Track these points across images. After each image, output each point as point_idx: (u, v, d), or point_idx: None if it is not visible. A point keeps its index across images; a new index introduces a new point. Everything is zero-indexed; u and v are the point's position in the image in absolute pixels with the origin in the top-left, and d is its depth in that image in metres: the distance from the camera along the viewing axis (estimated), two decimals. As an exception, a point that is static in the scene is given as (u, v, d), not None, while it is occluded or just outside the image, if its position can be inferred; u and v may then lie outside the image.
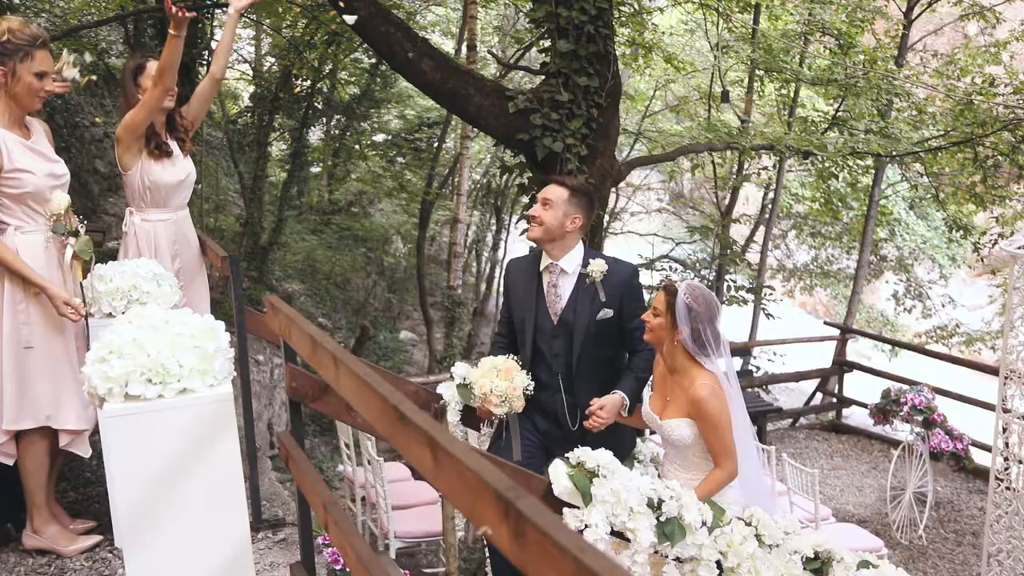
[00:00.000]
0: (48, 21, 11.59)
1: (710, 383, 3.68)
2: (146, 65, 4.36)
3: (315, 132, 17.63)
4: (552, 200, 4.00)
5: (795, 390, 17.03)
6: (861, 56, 12.64)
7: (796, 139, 11.05)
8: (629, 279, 4.09)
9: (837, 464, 10.42)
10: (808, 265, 19.99)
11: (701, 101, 16.45)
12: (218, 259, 4.52)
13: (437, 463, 1.70)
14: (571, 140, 6.88)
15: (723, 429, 3.65)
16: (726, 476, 3.67)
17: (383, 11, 7.03)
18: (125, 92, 4.41)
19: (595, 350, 4.05)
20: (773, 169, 15.42)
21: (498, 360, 4.01)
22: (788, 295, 20.53)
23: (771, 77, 13.45)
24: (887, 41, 14.83)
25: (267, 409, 9.07)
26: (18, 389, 3.59)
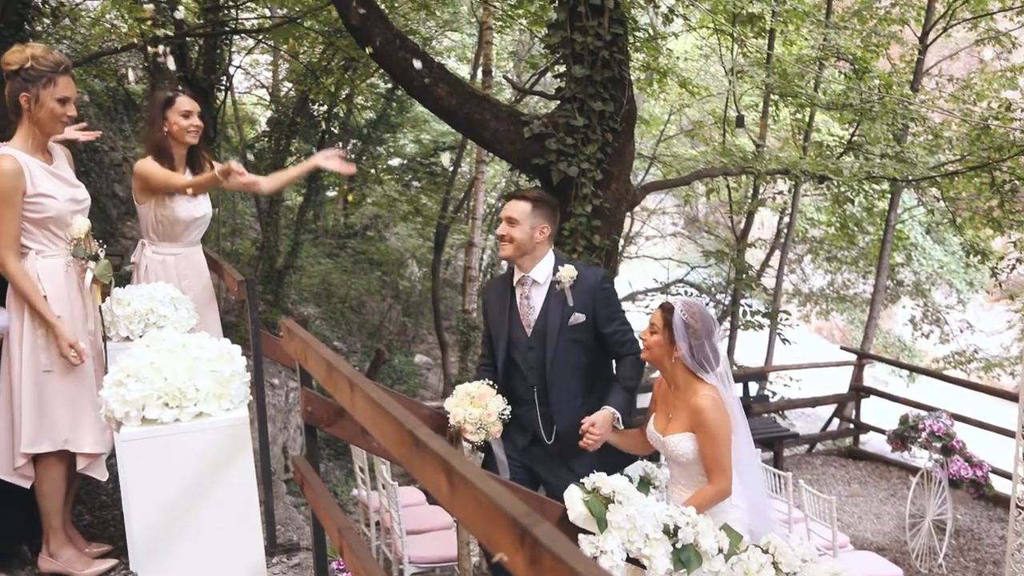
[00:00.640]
0: (70, 48, 11.74)
1: (712, 394, 3.66)
2: (176, 100, 4.37)
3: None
4: (516, 217, 4.01)
5: (811, 416, 16.91)
6: (876, 81, 12.64)
7: (811, 164, 11.04)
8: (599, 283, 4.07)
9: (855, 491, 10.32)
10: (824, 290, 19.90)
11: (716, 126, 16.48)
12: (234, 283, 4.54)
13: (453, 488, 1.69)
14: (586, 165, 6.90)
15: (720, 443, 3.60)
16: (716, 493, 3.61)
17: (400, 37, 7.10)
18: (151, 123, 4.42)
19: (569, 357, 4.03)
20: (788, 193, 15.39)
21: (471, 387, 3.99)
22: (804, 320, 20.42)
23: (786, 102, 13.46)
24: (902, 66, 14.85)
25: (282, 432, 9.07)
26: (36, 412, 3.61)
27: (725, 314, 15.65)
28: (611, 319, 4.05)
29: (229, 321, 5.05)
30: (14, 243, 3.54)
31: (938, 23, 14.17)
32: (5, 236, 3.51)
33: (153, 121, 4.39)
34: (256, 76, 17.58)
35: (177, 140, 4.38)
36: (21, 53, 3.56)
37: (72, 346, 3.57)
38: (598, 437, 3.87)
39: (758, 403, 11.65)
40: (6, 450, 3.65)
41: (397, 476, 5.65)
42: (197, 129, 4.40)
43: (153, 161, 4.34)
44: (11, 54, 3.57)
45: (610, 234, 7.22)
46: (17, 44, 3.69)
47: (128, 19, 12.29)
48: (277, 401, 9.21)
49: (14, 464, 3.64)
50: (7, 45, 4.97)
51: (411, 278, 18.79)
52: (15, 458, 3.63)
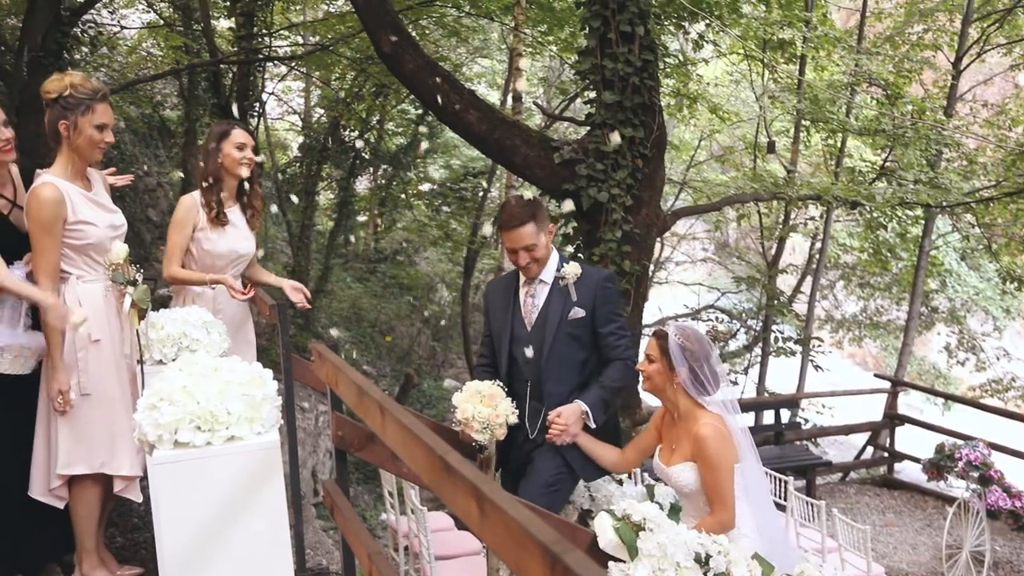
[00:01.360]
0: (107, 75, 11.96)
1: (714, 423, 3.59)
2: (232, 132, 4.41)
3: (362, 181, 17.89)
4: (531, 242, 3.98)
5: (845, 443, 16.70)
6: (909, 106, 12.56)
7: (844, 189, 10.98)
8: (602, 281, 4.05)
9: (889, 520, 10.16)
10: (857, 316, 19.69)
11: (747, 151, 16.45)
12: (266, 307, 4.57)
13: (483, 515, 1.69)
14: (616, 190, 6.91)
15: (720, 473, 3.53)
16: (716, 525, 3.51)
17: (431, 64, 7.17)
18: (207, 152, 4.46)
19: (565, 351, 4.00)
20: (820, 219, 15.30)
21: (483, 385, 3.91)
22: (836, 347, 20.24)
23: (817, 127, 13.41)
24: (936, 91, 14.75)
25: (311, 456, 9.09)
26: (73, 435, 3.64)
27: (756, 340, 15.54)
28: (609, 319, 4.02)
29: (260, 345, 5.07)
30: (53, 272, 3.59)
31: (972, 48, 14.08)
32: (46, 264, 3.55)
33: (208, 151, 4.43)
34: (288, 102, 17.81)
35: (229, 172, 4.42)
36: (60, 82, 3.62)
37: (62, 393, 3.58)
38: (563, 428, 3.84)
39: (790, 430, 11.53)
40: (43, 470, 3.68)
41: (426, 501, 5.63)
42: (250, 162, 4.43)
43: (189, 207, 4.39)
44: (50, 83, 3.63)
45: (640, 259, 7.20)
46: (56, 73, 3.76)
47: (164, 47, 12.55)
48: (307, 425, 9.24)
49: (50, 485, 3.67)
50: (47, 73, 5.08)
51: (440, 303, 18.85)
52: (51, 479, 3.66)
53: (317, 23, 13.49)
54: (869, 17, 14.95)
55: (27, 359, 3.61)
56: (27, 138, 5.28)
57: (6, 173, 3.76)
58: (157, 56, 13.12)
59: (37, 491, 3.68)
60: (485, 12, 12.26)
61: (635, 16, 6.91)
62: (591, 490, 4.36)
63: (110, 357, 3.71)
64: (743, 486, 3.65)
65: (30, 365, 3.61)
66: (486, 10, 12.14)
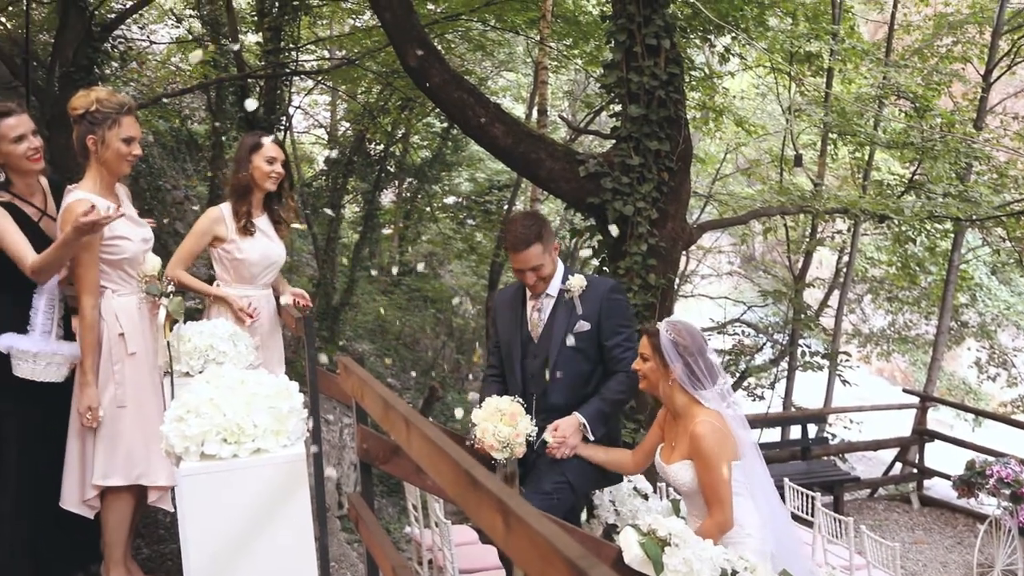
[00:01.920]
0: (136, 90, 12.11)
1: (710, 420, 3.54)
2: (263, 145, 4.46)
3: (387, 194, 17.98)
4: (538, 263, 3.96)
5: (873, 459, 16.51)
6: (938, 119, 12.46)
7: (871, 203, 10.89)
8: (608, 292, 4.02)
9: (919, 538, 10.03)
10: (885, 330, 19.50)
11: (773, 164, 16.37)
12: (292, 320, 4.59)
13: (509, 529, 1.67)
14: (642, 204, 6.89)
15: (716, 472, 3.47)
16: (715, 527, 3.46)
17: (456, 78, 7.19)
18: (238, 163, 4.51)
19: (571, 365, 3.97)
20: (847, 233, 15.18)
21: (502, 403, 3.87)
22: (864, 361, 20.04)
23: (845, 140, 13.33)
24: (965, 104, 14.62)
25: (336, 469, 9.11)
26: (110, 446, 3.67)
27: (783, 354, 15.42)
28: (615, 332, 3.98)
29: (286, 357, 5.10)
30: (95, 287, 3.62)
31: (1002, 60, 13.95)
32: (88, 280, 3.58)
33: (239, 162, 4.48)
34: (315, 116, 17.94)
35: (258, 184, 4.46)
36: (86, 98, 3.66)
37: (91, 409, 3.61)
38: (561, 441, 3.82)
39: (817, 445, 11.43)
40: (75, 481, 3.70)
41: (450, 514, 5.62)
42: (277, 176, 4.47)
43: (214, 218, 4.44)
44: (77, 99, 3.68)
45: (666, 273, 7.17)
46: (83, 89, 3.80)
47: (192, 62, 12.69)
48: (331, 437, 9.26)
49: (84, 496, 3.69)
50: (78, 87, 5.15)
51: (465, 315, 18.87)
52: (85, 490, 3.68)
53: (343, 37, 13.61)
54: (897, 29, 14.87)
55: (60, 366, 3.65)
56: (58, 152, 5.36)
57: (36, 183, 3.81)
58: (185, 71, 13.27)
59: (70, 502, 3.70)
60: (511, 26, 12.32)
61: (661, 29, 6.91)
62: (616, 504, 4.34)
63: (145, 369, 3.75)
64: (746, 483, 3.59)
65: (63, 373, 3.65)
66: (512, 24, 12.19)
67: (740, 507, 3.53)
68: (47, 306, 3.59)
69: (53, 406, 3.71)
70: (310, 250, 15.47)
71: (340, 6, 12.85)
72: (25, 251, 3.58)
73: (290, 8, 10.70)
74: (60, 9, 7.73)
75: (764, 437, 13.10)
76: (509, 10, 11.48)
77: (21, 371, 3.57)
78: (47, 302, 3.59)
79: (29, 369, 3.57)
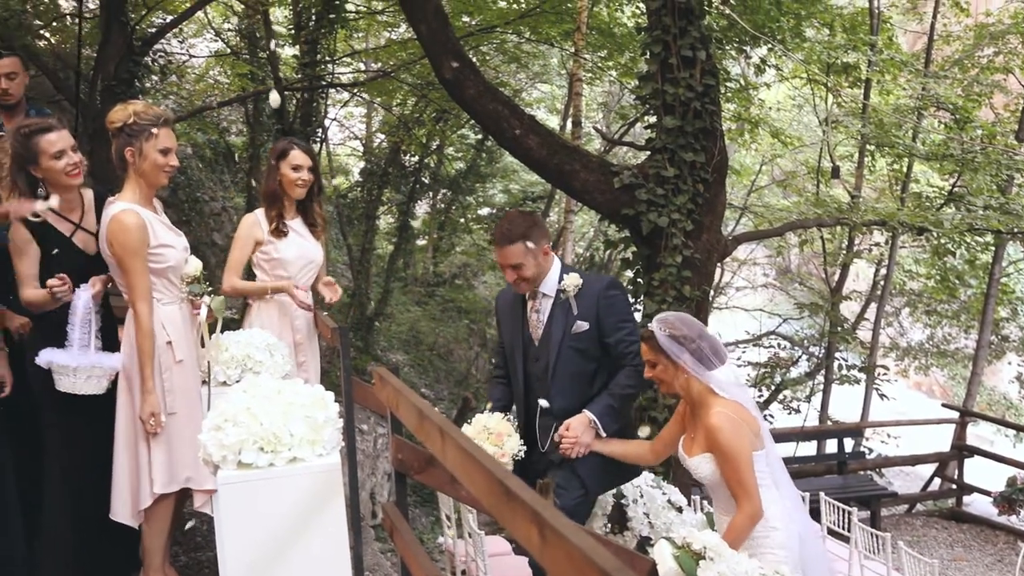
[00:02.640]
0: (175, 103, 12.27)
1: (726, 411, 3.48)
2: (290, 152, 4.61)
3: (422, 206, 18.07)
4: (519, 262, 3.92)
5: (911, 474, 16.29)
6: (979, 131, 12.29)
7: (910, 215, 10.76)
8: (603, 291, 3.97)
9: (958, 555, 9.86)
10: (923, 344, 19.21)
11: (809, 176, 16.24)
12: (328, 330, 4.62)
13: (544, 541, 1.67)
14: (677, 215, 6.86)
15: (738, 462, 3.41)
16: (747, 520, 3.40)
17: (491, 89, 7.22)
18: (268, 170, 4.69)
19: (572, 365, 3.94)
20: (885, 245, 15.01)
21: (491, 421, 3.87)
22: (902, 375, 19.74)
23: (883, 152, 13.20)
24: (1007, 115, 14.42)
25: (370, 478, 9.15)
26: (166, 455, 3.72)
27: (819, 367, 15.26)
28: (615, 328, 3.94)
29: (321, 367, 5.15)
30: (148, 295, 3.68)
31: (1044, 71, 13.76)
32: (141, 288, 3.64)
33: (268, 169, 4.65)
34: (350, 128, 18.09)
35: (286, 191, 4.61)
36: (124, 111, 3.73)
37: (154, 415, 3.66)
38: (573, 441, 3.79)
39: (854, 460, 11.30)
40: (128, 493, 3.72)
41: (483, 525, 5.61)
42: (304, 183, 4.61)
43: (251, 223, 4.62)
44: (115, 113, 3.75)
45: (700, 285, 7.13)
46: (120, 103, 3.87)
47: (230, 75, 12.87)
48: (365, 447, 9.30)
49: (139, 506, 3.72)
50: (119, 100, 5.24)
51: (498, 327, 18.83)
52: (140, 500, 3.72)
53: (379, 50, 13.71)
54: (937, 40, 14.70)
55: (100, 379, 3.70)
56: (100, 165, 5.45)
57: (75, 197, 3.88)
58: (223, 84, 13.44)
59: (122, 514, 3.72)
60: (545, 38, 12.34)
61: (697, 41, 6.89)
62: (650, 517, 4.31)
63: (193, 376, 3.80)
64: (769, 473, 3.54)
65: (103, 385, 3.70)
66: (546, 36, 12.21)
67: (764, 498, 3.47)
68: (83, 320, 3.64)
69: (95, 416, 3.76)
70: (345, 261, 15.58)
71: (376, 19, 12.94)
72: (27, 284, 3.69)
73: (327, 21, 10.81)
74: (103, 25, 7.87)
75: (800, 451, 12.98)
76: (544, 22, 11.51)
77: (62, 385, 3.62)
78: (82, 316, 3.64)
79: (70, 383, 3.62)
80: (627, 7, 11.99)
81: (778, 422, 13.73)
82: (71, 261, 3.77)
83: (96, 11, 8.37)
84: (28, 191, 3.72)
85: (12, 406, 3.82)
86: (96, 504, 3.77)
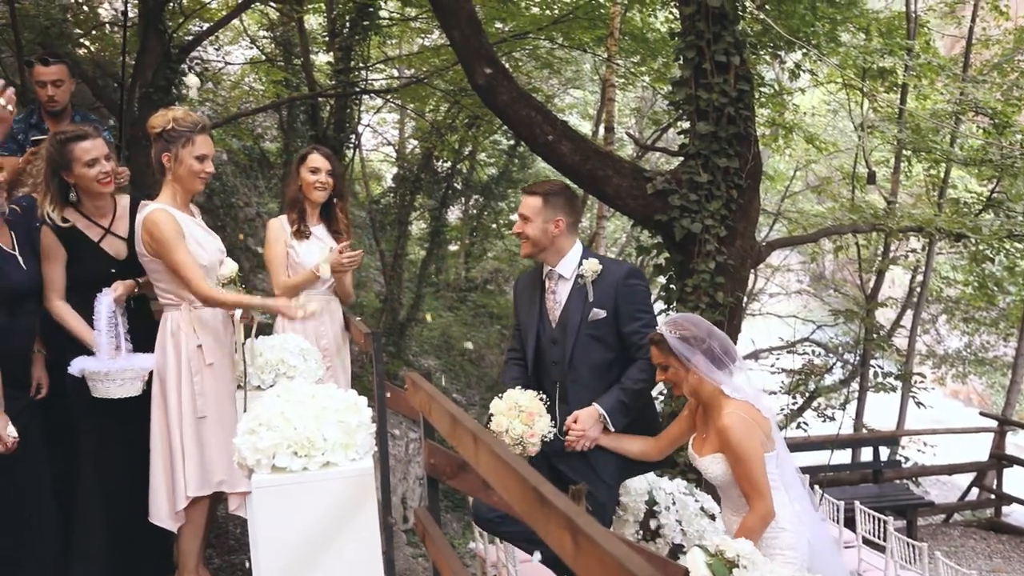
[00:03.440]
0: (212, 109, 12.41)
1: (737, 411, 3.44)
2: (308, 156, 4.71)
3: (454, 211, 18.11)
4: (527, 213, 3.92)
5: (948, 484, 16.07)
6: (1018, 135, 12.10)
7: (947, 221, 10.63)
8: (623, 279, 3.90)
9: (997, 566, 9.71)
10: (961, 352, 18.94)
11: (844, 181, 16.09)
12: (361, 336, 4.65)
13: (577, 548, 1.67)
14: (710, 221, 6.83)
15: (750, 463, 3.37)
16: (759, 520, 3.37)
17: (524, 95, 7.23)
18: (289, 176, 4.86)
19: (588, 353, 3.88)
20: (922, 251, 14.83)
21: (524, 398, 3.80)
22: (939, 383, 19.48)
23: (919, 157, 13.03)
24: (1048, 120, 14.19)
25: (402, 483, 9.17)
26: (198, 457, 3.76)
27: (854, 375, 15.09)
28: (633, 318, 3.87)
29: (354, 372, 5.18)
30: (201, 276, 3.72)
31: (1085, 75, 13.53)
32: (192, 272, 3.69)
33: (290, 174, 4.74)
34: (383, 134, 18.19)
35: (305, 195, 4.72)
36: (163, 117, 3.80)
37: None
38: (580, 434, 3.74)
39: (890, 468, 11.16)
40: (165, 496, 3.77)
41: (515, 532, 5.61)
42: (323, 186, 4.71)
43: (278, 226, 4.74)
44: (155, 118, 3.83)
45: (734, 291, 7.09)
46: (162, 109, 3.94)
47: (265, 81, 13.00)
48: (397, 452, 9.33)
49: (175, 508, 3.76)
50: (156, 108, 5.33)
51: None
52: (176, 502, 3.76)
53: (412, 56, 13.77)
54: (976, 44, 14.51)
55: (133, 381, 3.74)
56: (137, 170, 5.53)
57: (106, 203, 3.95)
58: (258, 90, 13.57)
59: (160, 517, 3.77)
60: (578, 44, 12.33)
61: (731, 46, 6.85)
62: (683, 524, 4.28)
63: (224, 379, 3.85)
64: (779, 475, 3.51)
65: (138, 387, 3.74)
66: (579, 42, 12.20)
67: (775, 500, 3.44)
68: (108, 325, 3.68)
69: (129, 417, 3.81)
70: (377, 266, 15.65)
71: (409, 26, 13.01)
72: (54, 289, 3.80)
73: (360, 28, 10.89)
74: (141, 33, 7.99)
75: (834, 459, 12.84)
76: (577, 28, 11.50)
77: (97, 391, 3.68)
78: (107, 320, 3.69)
79: (104, 388, 3.67)
80: (660, 12, 11.95)
81: (812, 429, 13.60)
82: (98, 266, 3.84)
83: (135, 19, 8.48)
84: (60, 195, 3.80)
85: (48, 408, 3.87)
86: (130, 507, 3.82)
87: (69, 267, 3.82)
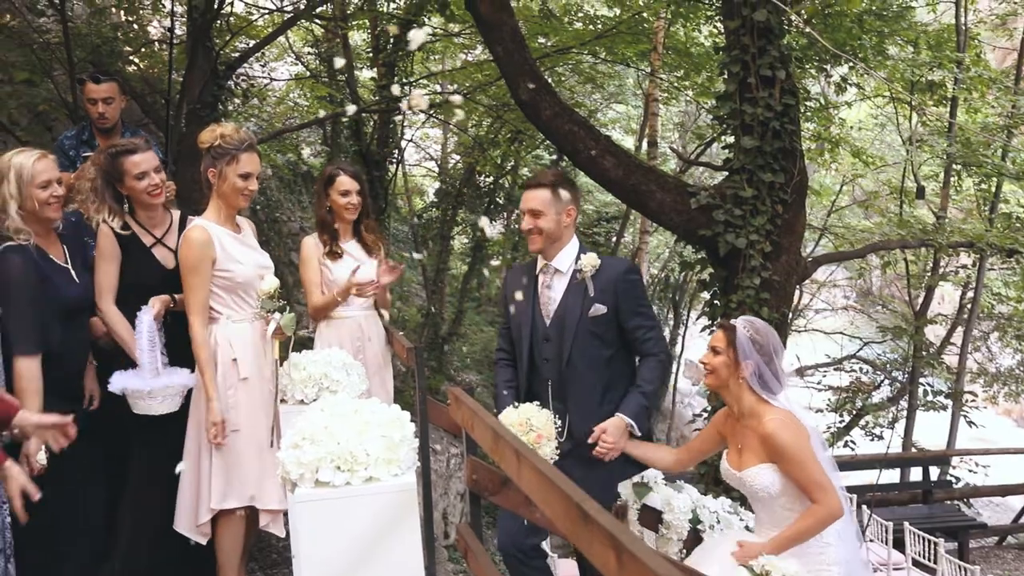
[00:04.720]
0: (257, 125, 12.56)
1: (780, 417, 3.37)
2: (336, 179, 4.77)
3: (496, 226, 18.14)
4: (539, 208, 3.87)
5: (1001, 505, 15.70)
6: (1072, 149, 11.86)
7: (999, 236, 10.43)
8: (623, 274, 3.87)
9: (1053, 591, 9.45)
10: (1013, 370, 18.52)
11: (892, 196, 15.85)
12: (403, 350, 4.66)
13: (621, 566, 1.64)
14: (755, 236, 6.75)
15: (807, 461, 3.29)
16: (826, 512, 3.26)
17: (567, 110, 7.22)
18: (317, 196, 4.91)
19: (588, 350, 3.83)
20: (972, 267, 14.54)
21: (538, 419, 3.70)
22: (991, 402, 19.05)
23: (970, 172, 12.80)
24: (1101, 133, 13.87)
25: (443, 499, 9.16)
26: (225, 470, 3.78)
27: (902, 393, 14.81)
28: (634, 313, 3.85)
29: (395, 387, 5.19)
30: (203, 310, 3.80)
31: None
32: (195, 302, 3.77)
33: (318, 196, 4.78)
34: (426, 149, 18.28)
35: (337, 216, 4.81)
36: (212, 133, 3.86)
37: (216, 425, 3.72)
38: (611, 446, 3.68)
39: (940, 489, 10.93)
40: (190, 505, 3.82)
41: (555, 548, 5.58)
42: (354, 208, 4.80)
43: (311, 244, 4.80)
44: (204, 133, 3.89)
45: (779, 307, 7.00)
46: (212, 124, 4.00)
47: (309, 97, 13.14)
48: (438, 467, 9.32)
49: (198, 520, 3.80)
50: (204, 123, 5.40)
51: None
52: (199, 513, 3.79)
53: (455, 72, 13.85)
54: (1027, 56, 14.24)
55: (173, 397, 3.79)
56: (184, 185, 5.60)
57: (158, 214, 4.03)
58: (303, 106, 13.72)
59: (183, 525, 3.81)
60: (621, 58, 12.31)
61: (776, 60, 6.79)
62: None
63: (258, 394, 3.86)
64: None
65: (177, 403, 3.79)
66: (622, 56, 12.18)
67: None
68: (148, 343, 3.73)
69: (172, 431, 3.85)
70: (419, 281, 15.72)
71: (452, 41, 13.08)
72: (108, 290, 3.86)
73: (404, 44, 10.96)
74: (189, 50, 8.10)
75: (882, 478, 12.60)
76: (620, 43, 11.47)
77: (138, 408, 3.73)
78: (148, 339, 3.73)
79: (146, 406, 3.73)
80: (704, 27, 11.90)
81: (860, 448, 13.36)
82: (148, 271, 3.90)
83: (182, 37, 8.62)
84: (115, 205, 3.88)
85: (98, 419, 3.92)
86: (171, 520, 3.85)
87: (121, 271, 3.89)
